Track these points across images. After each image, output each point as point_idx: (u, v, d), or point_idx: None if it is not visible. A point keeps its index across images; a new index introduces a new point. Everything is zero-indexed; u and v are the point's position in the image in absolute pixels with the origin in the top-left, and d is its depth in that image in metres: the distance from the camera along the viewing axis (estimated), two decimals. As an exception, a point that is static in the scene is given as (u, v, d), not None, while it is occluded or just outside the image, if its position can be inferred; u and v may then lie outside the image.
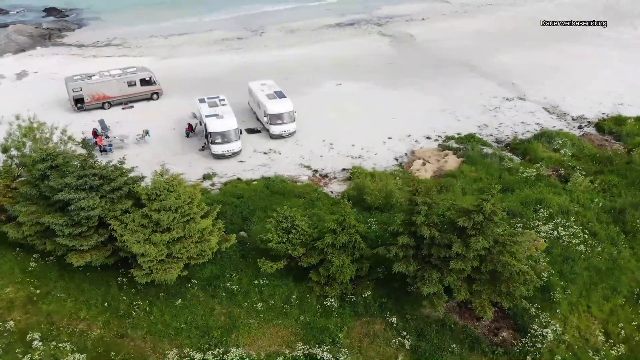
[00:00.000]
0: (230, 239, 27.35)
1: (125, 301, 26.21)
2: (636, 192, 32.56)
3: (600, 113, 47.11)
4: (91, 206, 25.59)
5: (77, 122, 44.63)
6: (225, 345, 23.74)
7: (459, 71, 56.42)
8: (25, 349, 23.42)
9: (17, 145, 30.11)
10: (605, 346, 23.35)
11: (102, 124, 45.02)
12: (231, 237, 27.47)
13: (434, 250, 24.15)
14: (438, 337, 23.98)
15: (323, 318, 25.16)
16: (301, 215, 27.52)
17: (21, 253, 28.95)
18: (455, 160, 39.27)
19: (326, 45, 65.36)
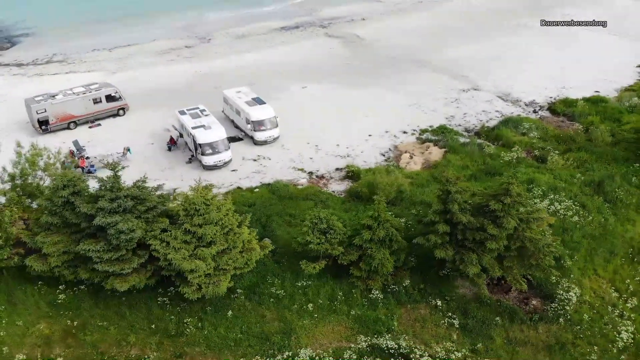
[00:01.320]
0: (267, 246, 27.97)
1: (173, 320, 26.14)
2: (606, 165, 36.77)
3: (548, 97, 51.77)
4: (130, 228, 25.24)
5: (46, 146, 42.60)
6: (288, 348, 24.48)
7: (411, 67, 59.36)
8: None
9: (25, 172, 28.70)
10: (619, 301, 26.66)
11: (77, 145, 43.27)
12: (267, 243, 28.09)
13: (468, 234, 26.32)
14: (480, 313, 26.18)
15: (371, 310, 26.58)
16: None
17: (43, 286, 27.81)
18: (439, 151, 41.97)
19: (280, 50, 66.14)
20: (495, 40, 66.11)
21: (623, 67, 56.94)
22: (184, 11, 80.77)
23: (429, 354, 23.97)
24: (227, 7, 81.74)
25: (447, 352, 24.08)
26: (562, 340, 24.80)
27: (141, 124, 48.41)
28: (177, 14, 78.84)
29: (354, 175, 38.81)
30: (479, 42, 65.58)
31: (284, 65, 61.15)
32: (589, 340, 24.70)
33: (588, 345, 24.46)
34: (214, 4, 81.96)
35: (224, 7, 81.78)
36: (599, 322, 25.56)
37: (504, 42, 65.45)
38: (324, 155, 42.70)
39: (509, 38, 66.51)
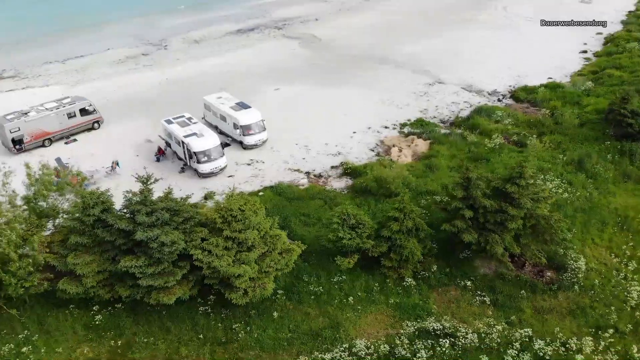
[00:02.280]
0: (300, 246, 28.72)
1: (220, 327, 26.37)
2: (580, 145, 40.32)
3: (508, 86, 55.46)
4: (172, 240, 25.24)
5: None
6: (340, 341, 25.49)
7: (375, 65, 61.40)
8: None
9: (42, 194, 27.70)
10: (621, 265, 29.76)
11: (60, 163, 41.76)
12: (299, 244, 28.83)
13: (490, 217, 28.41)
14: (506, 288, 28.37)
15: (407, 297, 28.09)
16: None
17: (75, 310, 27.12)
18: (424, 143, 44.15)
19: (242, 53, 66.26)
20: (446, 35, 69.49)
21: (568, 54, 61.88)
22: (131, 19, 78.75)
23: (472, 330, 25.77)
24: (177, 13, 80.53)
25: (488, 327, 25.99)
26: (581, 305, 27.43)
27: (119, 136, 47.34)
28: (124, 22, 76.73)
29: (352, 172, 40.09)
30: (431, 38, 68.70)
31: (249, 68, 61.41)
32: (604, 302, 27.50)
33: (604, 307, 27.24)
34: (162, 11, 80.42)
35: (173, 13, 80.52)
36: (608, 286, 28.46)
37: (455, 36, 68.98)
38: (315, 155, 43.67)
39: (458, 32, 70.12)
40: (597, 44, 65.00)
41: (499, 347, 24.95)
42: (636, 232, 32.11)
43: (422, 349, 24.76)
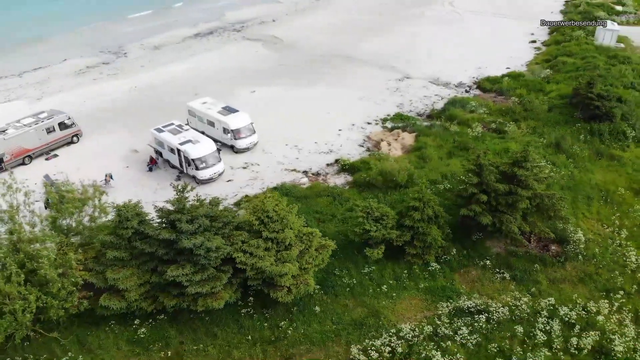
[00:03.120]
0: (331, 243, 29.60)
1: (266, 327, 26.99)
2: (554, 129, 43.73)
3: (471, 77, 58.67)
4: (217, 246, 25.64)
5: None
6: (384, 327, 26.86)
7: (342, 63, 62.82)
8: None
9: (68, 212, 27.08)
10: (614, 234, 32.98)
11: (49, 180, 40.39)
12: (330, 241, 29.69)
13: (501, 199, 30.69)
14: (520, 264, 30.78)
15: (433, 281, 29.87)
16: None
17: (116, 326, 26.87)
18: (410, 136, 46.23)
19: (207, 57, 65.85)
20: (400, 31, 71.76)
21: (519, 45, 66.15)
22: (80, 28, 75.86)
23: (501, 304, 27.90)
24: (128, 20, 78.49)
25: (515, 300, 28.22)
26: (588, 272, 30.30)
27: (102, 148, 46.28)
28: (75, 32, 73.89)
29: (349, 168, 41.43)
30: (387, 34, 70.84)
31: (219, 71, 61.27)
32: (607, 268, 30.50)
33: (608, 272, 30.24)
34: (112, 19, 78.00)
35: (124, 20, 78.40)
36: (607, 253, 31.54)
37: (410, 32, 71.55)
38: (307, 154, 44.64)
39: (412, 28, 72.57)
40: (543, 34, 69.74)
41: (528, 317, 27.19)
42: (619, 204, 35.58)
43: (462, 326, 26.58)
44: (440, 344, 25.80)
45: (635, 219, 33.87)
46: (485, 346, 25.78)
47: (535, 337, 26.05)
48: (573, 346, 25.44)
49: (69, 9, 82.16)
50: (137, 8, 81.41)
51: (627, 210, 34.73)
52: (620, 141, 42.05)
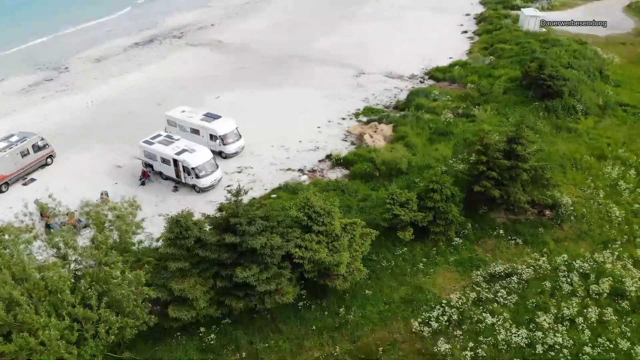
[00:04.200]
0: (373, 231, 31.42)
1: (327, 315, 28.42)
2: (514, 109, 48.42)
3: (421, 69, 62.67)
4: (278, 245, 26.65)
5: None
6: (434, 301, 29.28)
7: (299, 63, 64.19)
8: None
9: (124, 229, 26.62)
10: (593, 195, 37.74)
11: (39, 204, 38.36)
12: (371, 229, 31.48)
13: (505, 173, 34.22)
14: (525, 230, 34.53)
15: (459, 254, 32.79)
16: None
17: (181, 336, 27.10)
18: (387, 127, 49.03)
19: (156, 65, 64.64)
20: (342, 29, 74.17)
21: (454, 35, 71.30)
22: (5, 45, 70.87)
23: (525, 266, 31.34)
24: (60, 35, 74.51)
25: (535, 261, 31.78)
26: (582, 229, 34.68)
27: (80, 167, 44.79)
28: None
29: (343, 162, 43.36)
30: (334, 33, 73.03)
31: (175, 80, 60.50)
32: (597, 224, 35.08)
33: (599, 227, 34.81)
34: (41, 35, 73.49)
35: (55, 34, 74.34)
36: (593, 212, 36.14)
37: (352, 30, 74.30)
38: (296, 153, 45.95)
39: (352, 26, 75.17)
40: (472, 24, 75.62)
41: (550, 273, 30.85)
42: (588, 169, 40.59)
43: (500, 289, 29.66)
44: (486, 307, 28.65)
45: (605, 180, 38.96)
46: (523, 303, 29.02)
47: (562, 289, 29.72)
48: (594, 292, 29.37)
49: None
50: (61, 23, 77.03)
51: (597, 174, 39.76)
52: (572, 115, 47.57)
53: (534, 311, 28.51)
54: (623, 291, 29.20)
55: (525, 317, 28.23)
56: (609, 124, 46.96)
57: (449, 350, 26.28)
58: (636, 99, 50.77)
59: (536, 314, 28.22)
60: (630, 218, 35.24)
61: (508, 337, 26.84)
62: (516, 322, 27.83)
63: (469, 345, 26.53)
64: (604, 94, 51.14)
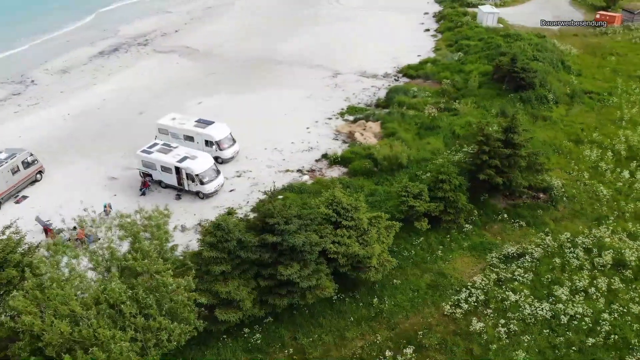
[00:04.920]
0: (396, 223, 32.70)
1: (362, 306, 29.51)
2: (492, 101, 51.20)
3: (393, 67, 64.75)
4: (317, 242, 27.51)
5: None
6: (457, 284, 30.95)
7: (272, 66, 64.95)
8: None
9: (165, 238, 26.53)
10: (579, 176, 40.67)
11: (41, 222, 37.58)
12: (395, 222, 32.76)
13: (505, 161, 36.46)
14: (526, 212, 36.87)
15: (470, 240, 34.65)
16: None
17: (227, 339, 27.46)
18: (375, 124, 50.56)
19: (128, 74, 63.81)
20: (306, 31, 75.44)
21: (417, 34, 74.08)
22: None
23: (534, 245, 33.57)
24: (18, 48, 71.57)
25: (541, 240, 34.08)
26: (575, 209, 37.40)
27: (72, 181, 43.76)
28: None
29: (340, 161, 44.47)
30: (300, 35, 74.33)
31: (149, 88, 59.89)
32: (587, 203, 37.94)
33: (589, 206, 37.63)
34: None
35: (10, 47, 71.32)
36: (581, 192, 39.01)
37: (315, 32, 75.64)
38: (291, 154, 46.65)
39: (315, 28, 76.70)
40: (432, 22, 78.69)
41: (557, 250, 33.23)
42: (569, 154, 43.67)
43: (516, 268, 31.73)
44: (508, 286, 30.60)
45: (587, 163, 42.07)
46: (538, 280, 31.16)
47: (570, 264, 32.12)
48: (599, 265, 31.95)
49: None
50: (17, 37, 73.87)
51: (578, 158, 42.88)
52: (545, 104, 50.86)
53: (550, 286, 30.69)
54: (624, 262, 31.91)
55: (543, 292, 30.33)
56: (579, 111, 50.50)
57: (483, 329, 27.93)
58: (598, 87, 54.79)
59: (552, 288, 30.39)
60: (616, 195, 38.27)
61: (533, 312, 28.82)
62: (536, 297, 29.87)
63: (499, 322, 28.29)
64: (569, 83, 54.86)
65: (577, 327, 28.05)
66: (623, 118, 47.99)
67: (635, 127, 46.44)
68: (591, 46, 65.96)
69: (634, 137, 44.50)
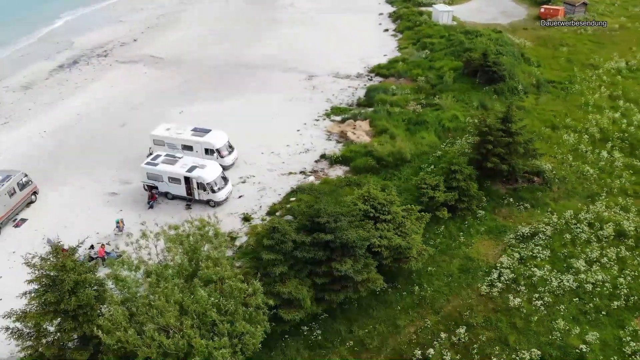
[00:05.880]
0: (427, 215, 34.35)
1: (405, 295, 30.92)
2: (470, 95, 54.23)
3: (363, 67, 66.60)
4: (366, 237, 28.69)
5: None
6: (484, 266, 33.07)
7: (247, 71, 64.79)
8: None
9: (223, 245, 26.63)
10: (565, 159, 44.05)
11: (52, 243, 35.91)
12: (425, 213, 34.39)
13: (506, 149, 39.11)
14: (528, 195, 39.68)
15: (484, 224, 36.96)
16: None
17: (287, 338, 28.04)
18: (364, 123, 52.13)
19: (97, 86, 61.94)
20: (270, 35, 75.83)
21: (378, 34, 76.36)
22: None
23: (544, 224, 36.30)
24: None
25: (548, 219, 36.88)
26: (568, 188, 40.63)
27: (69, 200, 42.65)
28: None
29: (341, 160, 45.67)
30: (265, 40, 74.52)
31: (123, 99, 58.60)
32: (578, 182, 41.32)
33: (580, 185, 40.98)
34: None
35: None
36: (570, 173, 42.34)
37: (279, 35, 76.15)
38: (288, 157, 47.36)
39: (278, 32, 77.12)
40: (389, 22, 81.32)
41: (565, 227, 36.14)
42: (548, 139, 47.19)
43: (534, 246, 34.29)
44: (531, 263, 33.07)
45: (567, 146, 45.66)
46: (555, 255, 33.86)
47: (580, 238, 35.10)
48: (603, 237, 35.14)
49: None
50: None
51: (558, 142, 46.45)
52: (516, 95, 54.49)
53: (566, 259, 33.47)
54: (624, 232, 35.28)
55: (562, 265, 33.04)
56: (547, 100, 54.48)
57: (520, 304, 30.13)
58: (558, 76, 59.18)
59: (569, 261, 33.17)
60: (601, 174, 41.95)
61: (560, 284, 31.38)
62: (558, 270, 32.52)
63: (533, 297, 30.63)
64: (532, 74, 58.96)
65: (601, 293, 30.88)
66: (588, 103, 52.27)
67: (600, 111, 50.77)
68: (542, 38, 70.84)
69: (602, 120, 48.68)
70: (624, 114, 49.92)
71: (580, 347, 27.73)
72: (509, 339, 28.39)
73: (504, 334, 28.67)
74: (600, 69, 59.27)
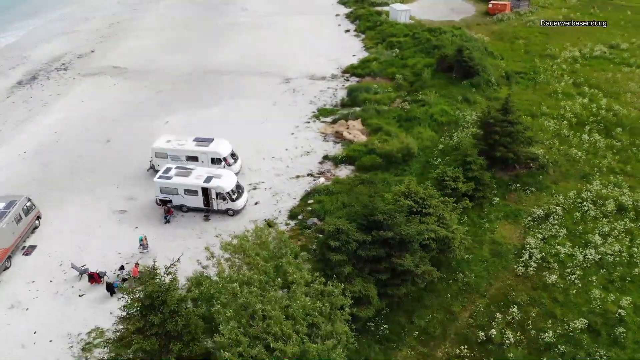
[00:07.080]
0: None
1: (451, 282, 32.35)
2: (450, 90, 56.72)
3: (336, 68, 67.63)
4: (421, 231, 29.88)
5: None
6: (513, 249, 35.24)
7: (221, 77, 63.96)
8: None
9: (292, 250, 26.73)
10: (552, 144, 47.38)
11: (77, 268, 34.55)
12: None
13: (508, 138, 41.65)
14: (531, 180, 42.35)
15: (501, 209, 39.21)
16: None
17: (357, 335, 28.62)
18: (356, 122, 53.25)
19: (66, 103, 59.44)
20: (236, 40, 75.55)
21: (340, 34, 77.62)
22: None
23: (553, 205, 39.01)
24: None
25: (555, 200, 39.66)
26: (563, 171, 43.61)
27: (75, 222, 41.06)
28: None
29: (347, 160, 46.56)
30: (229, 44, 73.96)
31: (103, 115, 56.46)
32: (570, 165, 44.53)
33: (572, 166, 44.24)
34: None
35: None
36: (561, 157, 45.55)
37: (239, 39, 75.75)
38: (291, 160, 47.64)
39: (238, 36, 76.70)
40: (348, 23, 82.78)
41: (572, 206, 39.09)
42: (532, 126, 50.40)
43: (551, 226, 36.88)
44: (553, 242, 35.59)
45: (551, 133, 49.07)
46: (572, 232, 36.60)
47: (588, 215, 38.13)
48: (607, 212, 38.38)
49: None
50: None
51: (541, 129, 49.79)
52: (490, 87, 57.73)
53: (581, 236, 36.31)
54: (624, 206, 38.71)
55: (581, 241, 35.81)
56: (518, 90, 58.03)
57: (556, 280, 32.45)
58: (521, 67, 63.03)
59: (586, 237, 36.02)
60: (587, 156, 45.55)
61: (585, 258, 34.05)
62: (579, 246, 35.23)
63: (565, 272, 33.07)
64: (499, 67, 62.59)
65: (621, 263, 33.82)
66: (557, 91, 56.32)
67: (571, 97, 54.90)
68: (496, 33, 75.13)
69: (575, 107, 52.68)
70: (591, 99, 54.15)
71: (619, 311, 30.31)
72: (556, 312, 30.54)
73: (549, 309, 30.78)
74: (558, 59, 63.76)
